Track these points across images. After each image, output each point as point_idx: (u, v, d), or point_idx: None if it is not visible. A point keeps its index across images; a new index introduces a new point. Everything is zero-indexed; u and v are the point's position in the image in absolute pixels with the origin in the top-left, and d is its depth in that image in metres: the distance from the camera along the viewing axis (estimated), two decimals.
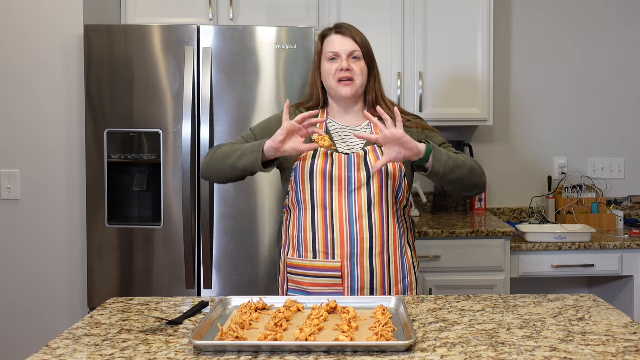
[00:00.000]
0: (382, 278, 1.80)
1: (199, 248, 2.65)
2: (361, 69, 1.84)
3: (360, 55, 1.84)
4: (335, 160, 1.79)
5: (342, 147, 1.84)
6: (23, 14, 2.77)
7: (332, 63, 1.84)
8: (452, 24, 3.16)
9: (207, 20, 3.08)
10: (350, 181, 1.78)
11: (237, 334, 1.29)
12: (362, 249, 1.77)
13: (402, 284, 1.84)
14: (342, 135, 1.87)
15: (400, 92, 3.14)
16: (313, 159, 1.79)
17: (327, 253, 1.78)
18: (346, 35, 1.84)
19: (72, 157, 2.78)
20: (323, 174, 1.78)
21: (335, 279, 1.77)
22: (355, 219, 1.77)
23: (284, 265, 1.87)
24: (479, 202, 3.47)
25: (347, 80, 1.82)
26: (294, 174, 1.81)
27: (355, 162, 1.79)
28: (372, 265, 1.78)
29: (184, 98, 2.60)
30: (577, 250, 2.99)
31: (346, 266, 1.77)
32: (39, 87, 2.78)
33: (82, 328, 1.45)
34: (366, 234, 1.77)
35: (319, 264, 1.79)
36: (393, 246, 1.82)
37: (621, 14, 3.58)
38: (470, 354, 1.26)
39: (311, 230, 1.79)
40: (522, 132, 3.59)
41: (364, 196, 1.78)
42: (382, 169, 1.78)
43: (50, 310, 2.79)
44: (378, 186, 1.79)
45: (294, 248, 1.84)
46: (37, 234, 2.79)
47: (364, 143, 1.85)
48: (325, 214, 1.78)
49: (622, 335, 1.38)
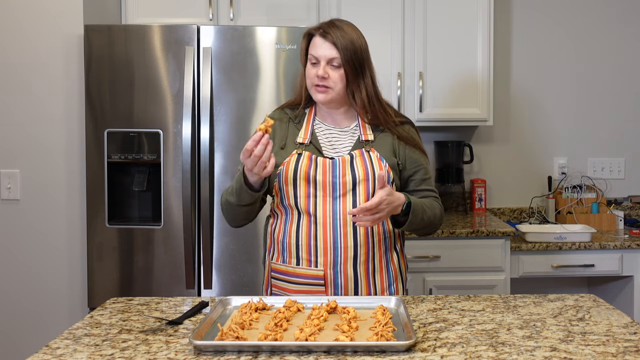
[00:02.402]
0: (367, 286, 1.76)
1: (199, 248, 2.65)
2: (339, 77, 1.75)
3: (340, 63, 1.74)
4: (320, 165, 1.74)
5: (328, 149, 1.79)
6: (23, 14, 2.77)
7: (312, 67, 1.78)
8: (453, 24, 3.16)
9: (207, 20, 3.08)
10: (335, 187, 1.73)
11: (237, 334, 1.29)
12: (346, 258, 1.73)
13: (387, 291, 1.80)
14: (329, 136, 1.82)
15: (400, 92, 3.14)
16: (297, 163, 1.75)
17: (310, 260, 1.74)
18: (327, 39, 1.75)
19: (72, 157, 2.78)
20: (307, 179, 1.73)
21: (318, 287, 1.74)
22: (340, 227, 1.72)
23: (269, 269, 1.84)
24: (479, 202, 3.47)
25: (322, 87, 1.76)
26: (277, 179, 1.76)
27: (341, 167, 1.74)
28: (356, 274, 1.74)
29: (184, 98, 2.60)
30: (577, 250, 2.99)
31: (329, 274, 1.73)
32: (39, 87, 2.78)
33: (82, 328, 1.45)
34: (350, 242, 1.73)
35: (302, 271, 1.75)
36: (378, 254, 1.78)
37: (621, 14, 3.58)
38: (470, 354, 1.26)
39: (295, 236, 1.75)
40: (522, 132, 3.59)
41: (349, 203, 1.73)
42: (370, 174, 1.74)
43: (50, 310, 2.79)
44: (364, 193, 1.74)
45: (278, 252, 1.81)
46: (37, 234, 2.79)
47: (352, 146, 1.80)
48: (310, 220, 1.74)
49: (622, 335, 1.38)
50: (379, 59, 3.18)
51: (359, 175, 1.74)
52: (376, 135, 1.81)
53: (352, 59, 1.75)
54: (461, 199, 3.50)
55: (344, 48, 1.73)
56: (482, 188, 3.48)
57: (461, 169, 3.42)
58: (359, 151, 1.77)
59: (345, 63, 1.74)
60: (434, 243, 2.89)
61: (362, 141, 1.80)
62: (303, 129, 1.82)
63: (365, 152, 1.78)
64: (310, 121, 1.84)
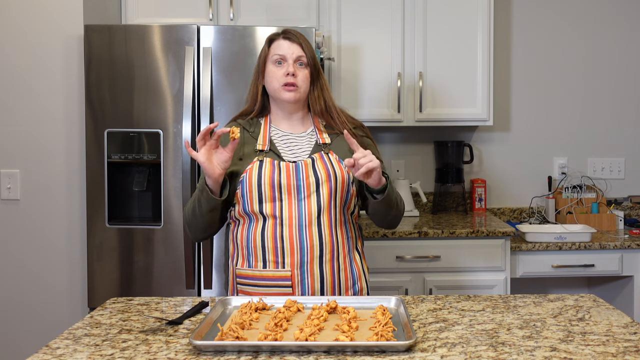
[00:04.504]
0: (333, 285, 1.78)
1: (199, 248, 2.65)
2: (306, 76, 1.82)
3: (306, 62, 1.83)
4: (283, 169, 1.77)
5: (288, 154, 1.82)
6: (23, 14, 2.77)
7: (277, 67, 1.82)
8: (452, 24, 3.16)
9: (207, 20, 3.08)
10: (300, 189, 1.76)
11: (237, 334, 1.29)
12: (312, 257, 1.75)
13: (352, 290, 1.83)
14: (287, 142, 1.85)
15: (400, 92, 3.14)
16: (260, 169, 1.77)
17: (277, 262, 1.76)
18: (294, 41, 1.83)
19: (72, 157, 2.78)
20: (271, 184, 1.75)
21: (285, 288, 1.75)
22: (305, 227, 1.75)
23: (233, 275, 1.85)
24: (479, 202, 3.48)
25: (291, 85, 1.80)
26: (241, 186, 1.77)
27: (303, 170, 1.78)
28: (322, 273, 1.77)
29: (184, 98, 2.60)
30: (577, 250, 2.99)
31: (296, 275, 1.75)
32: (39, 87, 2.78)
33: (82, 328, 1.45)
34: (316, 242, 1.75)
35: (269, 274, 1.76)
36: (342, 253, 1.81)
37: (622, 15, 3.58)
38: (470, 354, 1.26)
39: (260, 240, 1.76)
40: (522, 132, 3.59)
41: (313, 203, 1.76)
42: (332, 175, 1.78)
43: (51, 311, 2.79)
44: (327, 193, 1.77)
45: (243, 257, 1.81)
46: (37, 234, 2.79)
47: (311, 150, 1.83)
48: (275, 223, 1.75)
49: (622, 335, 1.38)
50: (379, 59, 3.23)
51: (322, 176, 1.77)
52: (332, 138, 1.87)
53: (314, 60, 1.85)
54: (461, 199, 3.50)
55: (308, 49, 1.84)
56: (482, 188, 3.48)
57: (461, 169, 3.42)
58: (318, 154, 1.82)
59: (310, 63, 1.84)
60: (434, 243, 2.89)
61: (320, 144, 1.84)
62: (261, 136, 1.85)
63: (325, 154, 1.82)
64: (267, 128, 1.86)
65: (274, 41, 1.85)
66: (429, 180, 3.56)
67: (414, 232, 2.88)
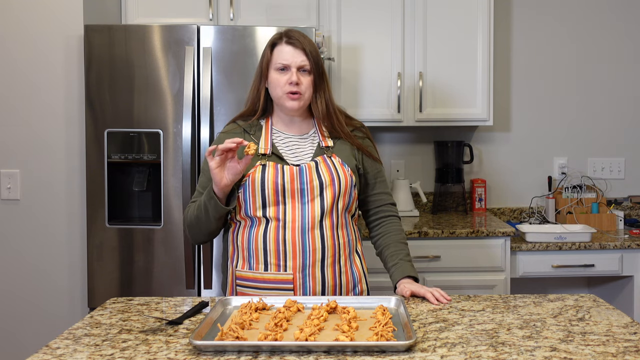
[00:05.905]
0: (334, 288, 1.78)
1: (199, 248, 2.65)
2: (309, 83, 1.79)
3: (309, 69, 1.79)
4: (287, 173, 1.76)
5: (291, 157, 1.81)
6: (23, 14, 2.77)
7: (281, 74, 1.79)
8: (452, 24, 3.16)
9: (207, 20, 3.08)
10: (304, 192, 1.76)
11: (237, 334, 1.29)
12: (314, 260, 1.75)
13: (352, 292, 1.83)
14: (289, 144, 1.84)
15: (400, 92, 3.14)
16: (263, 173, 1.75)
17: (279, 265, 1.75)
18: (297, 46, 1.78)
19: (72, 157, 2.78)
20: (275, 188, 1.74)
21: (286, 291, 1.75)
22: (308, 230, 1.74)
23: (233, 277, 1.84)
24: (479, 202, 3.48)
25: (295, 94, 1.78)
26: (243, 189, 1.76)
27: (307, 173, 1.77)
28: (323, 276, 1.76)
29: (184, 98, 2.60)
30: (577, 250, 2.99)
31: (298, 278, 1.75)
32: (39, 87, 2.78)
33: (82, 328, 1.45)
34: (318, 245, 1.75)
35: (271, 276, 1.76)
36: (343, 256, 1.81)
37: (621, 14, 3.58)
38: (470, 354, 1.26)
39: (262, 242, 1.76)
40: (522, 132, 3.59)
41: (317, 207, 1.76)
42: (335, 179, 1.77)
43: (51, 310, 2.79)
44: (331, 196, 1.76)
45: (243, 259, 1.80)
46: (37, 234, 2.79)
47: (313, 152, 1.82)
48: (278, 226, 1.75)
49: (622, 335, 1.38)
50: (379, 59, 3.22)
51: (326, 180, 1.77)
52: (335, 141, 1.86)
53: (318, 66, 1.81)
54: (461, 199, 3.50)
55: (312, 53, 1.79)
56: (482, 188, 3.48)
57: (461, 169, 3.42)
58: (321, 157, 1.81)
59: (314, 69, 1.79)
60: (434, 243, 2.89)
61: (323, 147, 1.83)
62: (262, 139, 1.83)
63: (328, 157, 1.81)
64: (268, 131, 1.84)
65: (277, 46, 1.81)
66: (429, 180, 3.56)
67: (414, 232, 2.88)
